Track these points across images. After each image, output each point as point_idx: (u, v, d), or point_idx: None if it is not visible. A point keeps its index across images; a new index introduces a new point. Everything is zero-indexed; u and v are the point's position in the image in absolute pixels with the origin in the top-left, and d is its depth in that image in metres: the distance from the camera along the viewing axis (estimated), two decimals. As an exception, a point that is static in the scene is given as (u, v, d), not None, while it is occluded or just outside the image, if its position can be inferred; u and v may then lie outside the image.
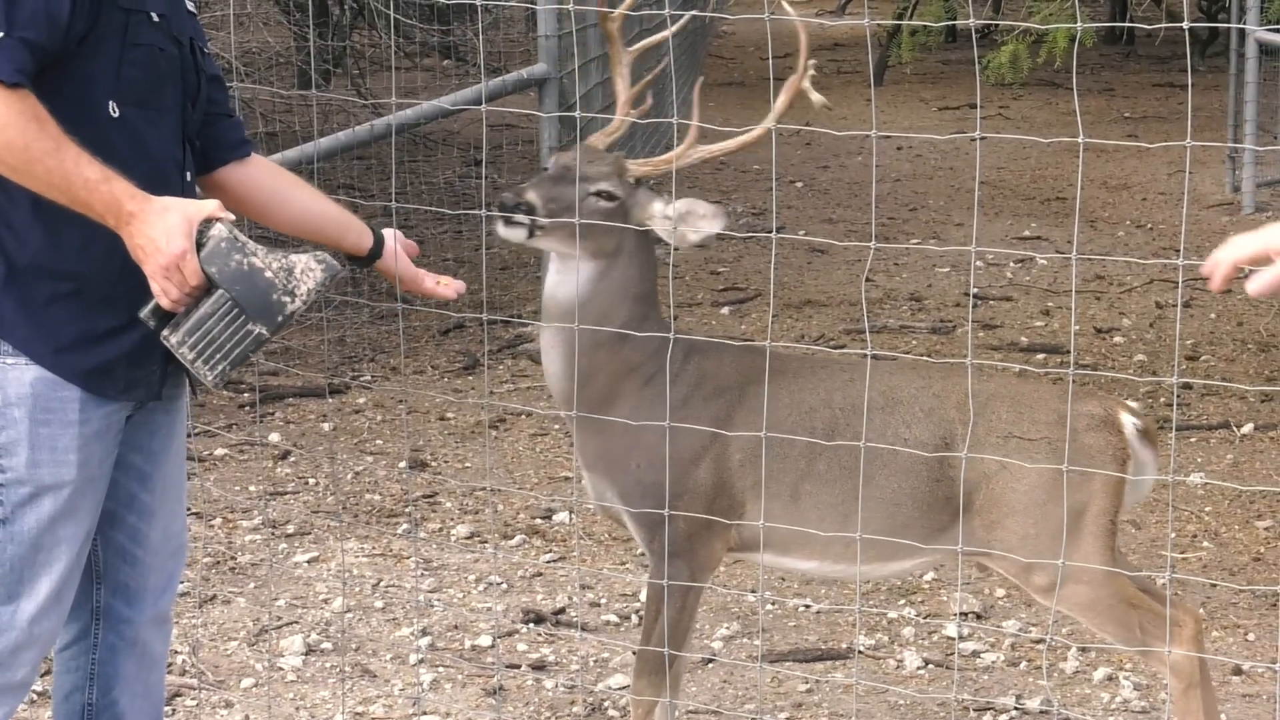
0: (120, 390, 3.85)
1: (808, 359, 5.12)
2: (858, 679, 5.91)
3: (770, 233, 9.35)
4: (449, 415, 8.76)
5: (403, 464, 8.00)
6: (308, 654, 6.15)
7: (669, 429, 4.72)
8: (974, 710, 5.78)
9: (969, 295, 8.37)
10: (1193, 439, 8.31)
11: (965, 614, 6.47)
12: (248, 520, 7.36)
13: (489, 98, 9.59)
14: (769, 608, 6.53)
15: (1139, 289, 11.12)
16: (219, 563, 6.93)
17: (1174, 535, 7.11)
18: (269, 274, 3.70)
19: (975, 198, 4.83)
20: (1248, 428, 8.48)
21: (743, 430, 4.77)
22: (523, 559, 7.00)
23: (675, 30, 5.27)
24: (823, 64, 23.70)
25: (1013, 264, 11.79)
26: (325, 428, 8.59)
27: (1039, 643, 6.18)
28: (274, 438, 8.39)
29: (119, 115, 3.74)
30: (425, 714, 5.70)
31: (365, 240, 4.36)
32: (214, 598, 6.59)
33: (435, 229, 12.24)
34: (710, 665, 6.03)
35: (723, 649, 6.21)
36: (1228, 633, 6.32)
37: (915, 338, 10.10)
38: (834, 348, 9.26)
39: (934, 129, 18.12)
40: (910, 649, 6.20)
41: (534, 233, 4.82)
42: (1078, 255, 3.96)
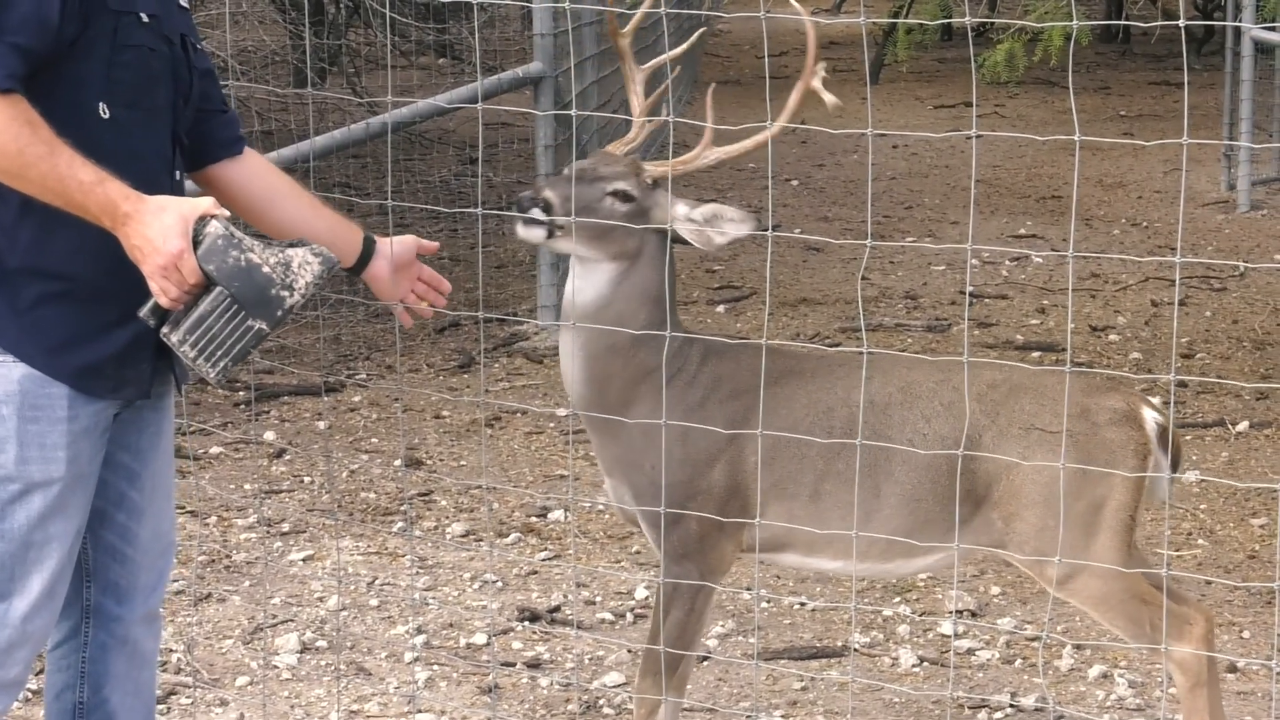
0: (110, 389, 3.85)
1: (825, 358, 5.09)
2: (853, 676, 5.91)
3: (766, 231, 9.36)
4: (444, 413, 8.76)
5: (398, 462, 7.99)
6: (303, 652, 6.15)
7: (682, 431, 4.74)
8: (969, 708, 5.78)
9: (965, 293, 8.37)
10: (1188, 437, 8.31)
11: (960, 611, 6.47)
12: (243, 518, 7.36)
13: (484, 96, 9.60)
14: (764, 605, 6.53)
15: (1135, 287, 11.12)
16: (214, 561, 6.93)
17: (1169, 533, 7.11)
18: (266, 269, 3.71)
19: (971, 196, 4.84)
20: (1243, 425, 8.48)
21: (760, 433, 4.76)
22: (518, 557, 6.99)
23: (686, 48, 5.25)
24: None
25: (1008, 262, 11.79)
26: (320, 426, 8.59)
27: (1034, 640, 6.18)
28: (269, 436, 8.39)
29: (109, 116, 3.74)
30: (420, 712, 5.69)
31: (349, 258, 4.31)
32: (209, 596, 6.59)
33: (431, 227, 12.24)
34: (705, 663, 6.03)
35: (718, 646, 6.21)
36: (1223, 630, 6.32)
37: (911, 336, 10.10)
38: (829, 345, 9.26)
39: (930, 127, 18.14)
40: (905, 646, 6.20)
41: (554, 233, 4.78)
42: (1073, 253, 3.95)
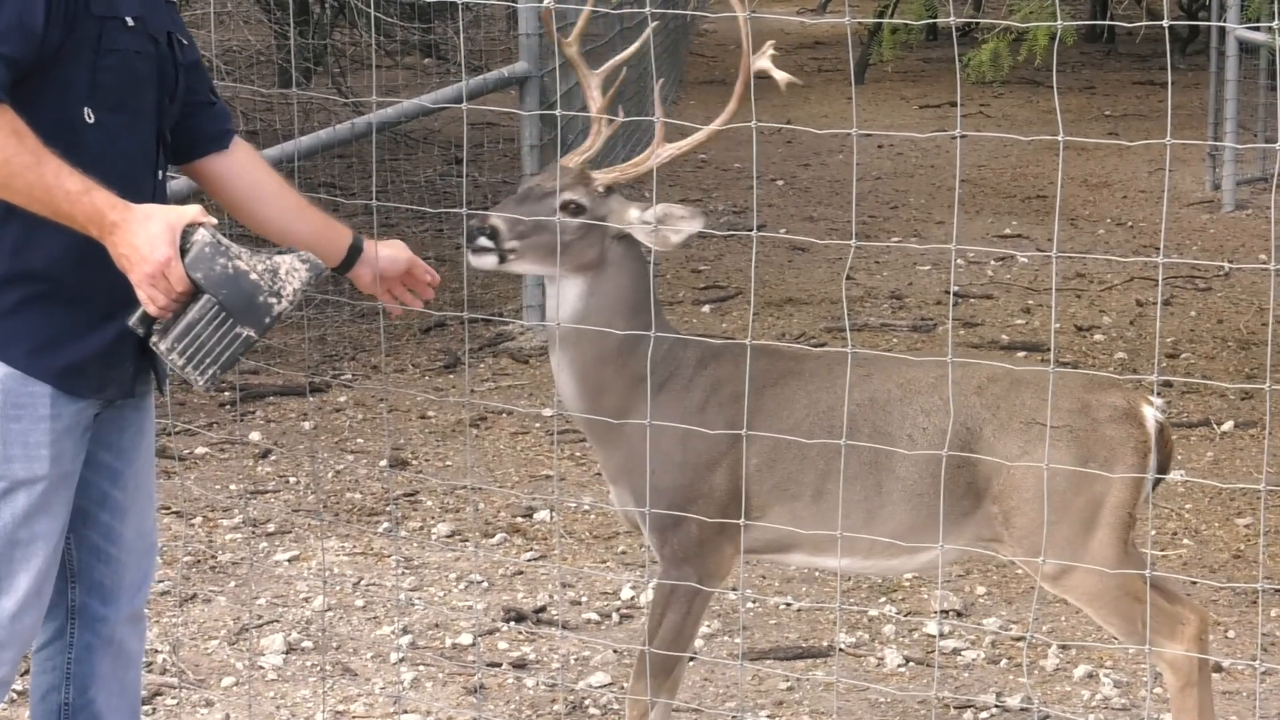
0: (94, 389, 3.85)
1: (824, 357, 5.08)
2: (838, 677, 5.91)
3: (751, 231, 9.36)
4: (430, 414, 8.75)
5: (383, 462, 7.99)
6: (288, 653, 6.14)
7: (682, 435, 4.75)
8: (954, 708, 5.79)
9: (950, 293, 8.39)
10: (1173, 436, 8.32)
11: (946, 612, 6.47)
12: (228, 519, 7.35)
13: (470, 96, 9.59)
14: (750, 605, 6.53)
15: (1119, 287, 11.13)
16: (199, 561, 6.92)
17: (1154, 533, 7.12)
18: (254, 276, 3.71)
19: (956, 196, 4.83)
20: (1228, 425, 8.50)
21: (762, 436, 4.77)
22: (503, 557, 6.99)
23: (636, 49, 5.20)
24: (804, 62, 23.75)
25: (993, 262, 11.80)
26: (306, 426, 8.58)
27: (1019, 640, 6.19)
28: (255, 436, 8.38)
29: (95, 121, 3.74)
30: (406, 712, 5.69)
31: (333, 260, 4.30)
32: (194, 596, 6.58)
33: (416, 227, 12.23)
34: (692, 663, 6.03)
35: (704, 647, 6.21)
36: (1210, 630, 6.32)
37: (896, 336, 10.11)
38: (815, 345, 9.26)
39: (915, 127, 18.14)
40: (891, 647, 6.21)
41: (505, 258, 4.80)
42: (1058, 253, 3.96)
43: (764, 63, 4.74)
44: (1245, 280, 11.06)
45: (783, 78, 4.72)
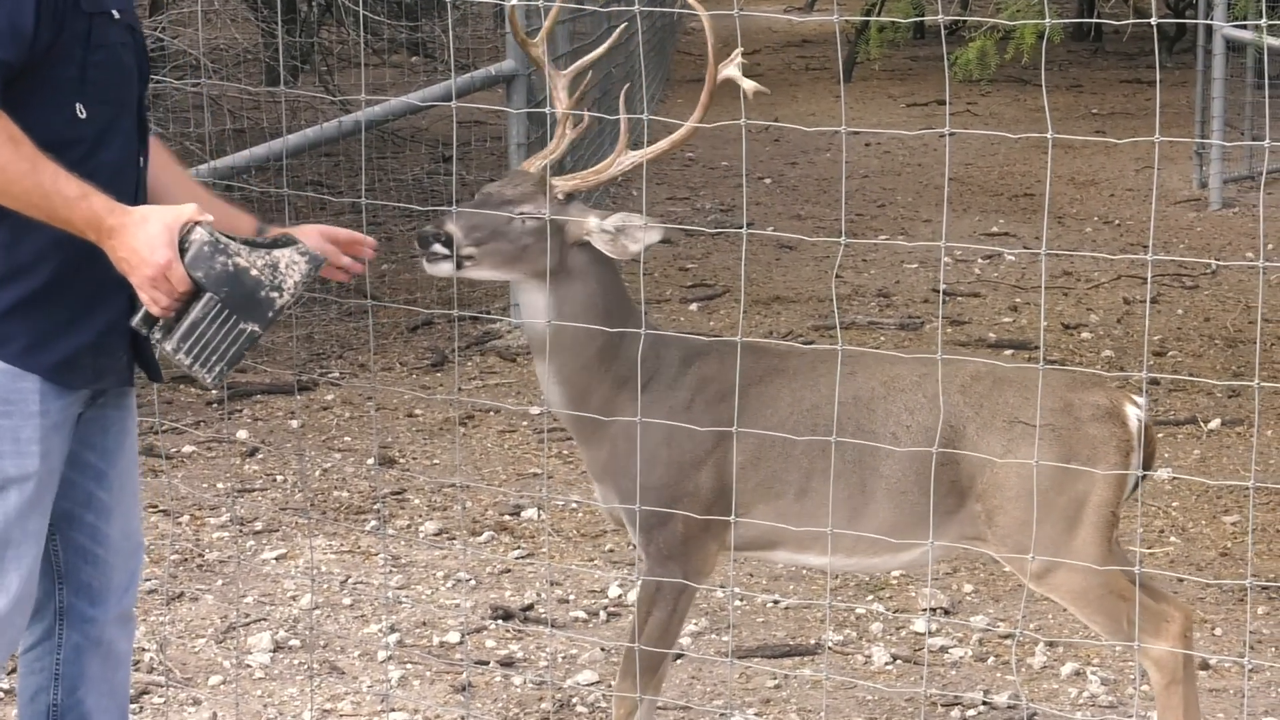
0: (90, 379, 3.84)
1: (808, 354, 5.08)
2: (826, 674, 5.91)
3: (739, 229, 9.36)
4: (417, 412, 8.75)
5: (371, 461, 7.99)
6: (276, 651, 6.14)
7: (667, 434, 4.75)
8: (942, 705, 5.79)
9: (937, 291, 8.38)
10: (1160, 434, 8.33)
11: (933, 609, 6.48)
12: (215, 517, 7.34)
13: (458, 94, 9.59)
14: (737, 603, 6.53)
15: (1107, 285, 11.14)
16: (186, 560, 6.91)
17: (1141, 530, 7.12)
18: (255, 272, 3.73)
19: (944, 194, 4.82)
20: (1215, 423, 8.51)
21: (748, 434, 4.78)
22: (491, 555, 6.99)
23: (604, 51, 5.18)
24: (791, 60, 23.77)
25: (981, 260, 11.80)
26: (293, 425, 8.57)
27: (1007, 638, 6.19)
28: (242, 435, 8.37)
29: (86, 116, 3.72)
30: (393, 711, 5.69)
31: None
32: (181, 595, 6.58)
33: (404, 225, 12.21)
34: (679, 661, 6.03)
35: (691, 644, 6.21)
36: (1195, 628, 6.33)
37: (884, 333, 10.11)
38: (803, 344, 9.26)
39: (902, 125, 18.14)
40: (879, 644, 6.21)
41: (461, 265, 4.78)
42: (1046, 251, 3.96)
43: (731, 71, 4.70)
44: (1232, 278, 11.07)
45: (750, 86, 4.66)
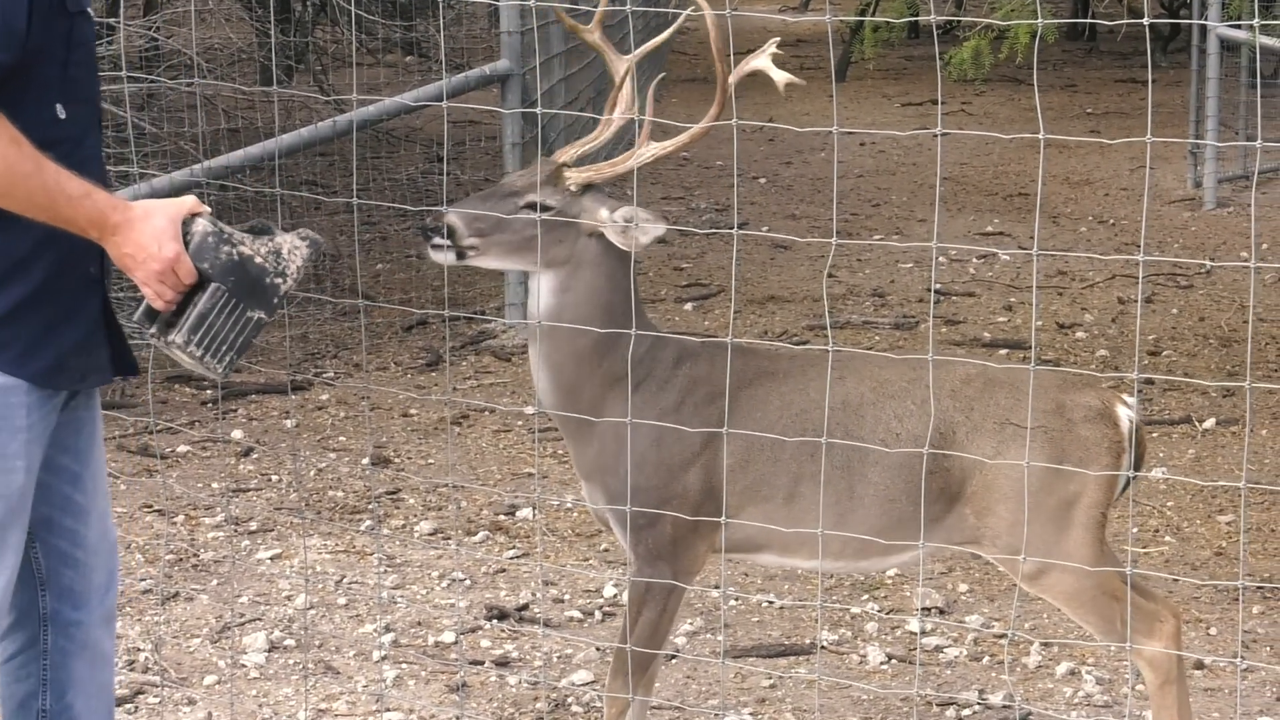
0: (76, 380, 3.81)
1: (798, 358, 5.09)
2: (821, 674, 5.91)
3: (733, 229, 9.36)
4: (412, 412, 8.74)
5: (365, 460, 7.98)
6: (270, 651, 6.13)
7: (656, 435, 4.75)
8: (937, 705, 5.79)
9: (931, 291, 8.34)
10: (1155, 434, 8.34)
11: (928, 609, 6.48)
12: (210, 517, 7.34)
13: (451, 94, 9.58)
14: (732, 603, 6.53)
15: (1101, 284, 11.14)
16: (181, 560, 6.91)
17: (1136, 530, 7.13)
18: (259, 260, 3.76)
19: (938, 194, 4.83)
20: (1209, 423, 8.51)
21: (738, 436, 4.77)
22: (486, 555, 6.99)
23: (668, 36, 5.22)
24: (785, 60, 23.73)
25: (975, 260, 11.80)
26: (288, 424, 8.57)
27: (1001, 638, 6.19)
28: (236, 434, 8.37)
29: (65, 116, 3.69)
30: (388, 711, 5.68)
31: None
32: (176, 595, 6.57)
33: (398, 225, 12.21)
34: (674, 661, 6.03)
35: (686, 645, 6.21)
36: (1189, 627, 6.33)
37: (878, 333, 10.11)
38: (797, 344, 9.27)
39: (896, 125, 18.16)
40: (873, 644, 6.21)
41: (464, 254, 4.81)
42: (1040, 251, 3.97)
43: (761, 62, 4.75)
44: (1226, 278, 11.08)
45: (781, 78, 4.72)
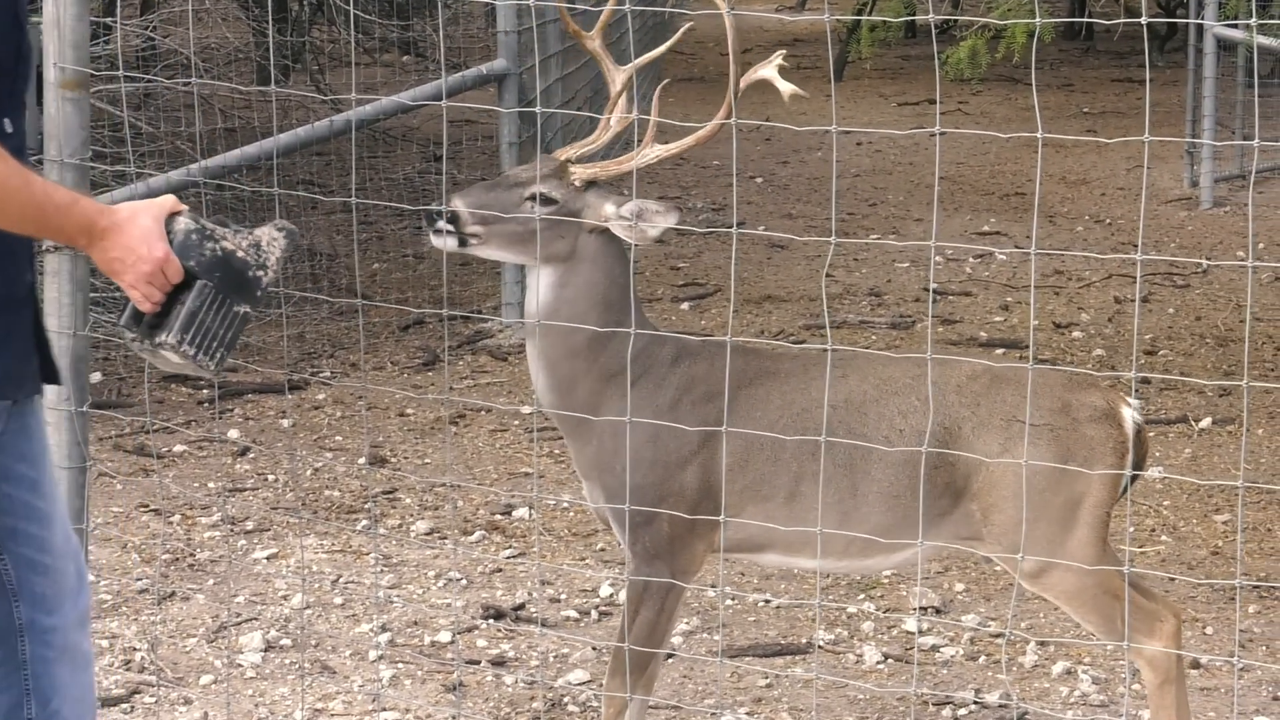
0: (15, 389, 3.66)
1: (799, 358, 5.08)
2: (817, 674, 5.91)
3: (730, 228, 9.36)
4: (409, 411, 8.74)
5: (362, 460, 7.98)
6: (267, 650, 6.13)
7: (653, 433, 4.74)
8: (933, 704, 5.79)
9: (928, 290, 8.37)
10: (1151, 433, 8.33)
11: (924, 609, 6.48)
12: (206, 517, 7.34)
13: (449, 93, 9.58)
14: (729, 603, 6.53)
15: (1098, 284, 11.15)
16: (178, 559, 6.91)
17: (1132, 529, 7.13)
18: (241, 254, 3.76)
19: (935, 193, 4.83)
20: (1206, 422, 8.51)
21: (736, 436, 4.77)
22: (482, 555, 6.99)
23: (669, 47, 5.22)
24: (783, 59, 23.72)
25: (972, 259, 11.81)
26: (284, 424, 8.57)
27: (998, 637, 6.19)
28: (233, 434, 8.36)
29: (12, 130, 3.58)
30: (385, 710, 5.68)
31: None
32: (173, 594, 6.57)
33: (395, 225, 12.21)
34: (670, 660, 6.02)
35: (682, 644, 6.21)
36: (1186, 626, 6.33)
37: (875, 333, 10.11)
38: (794, 343, 9.27)
39: (893, 124, 18.15)
40: (870, 644, 6.21)
41: (466, 242, 4.83)
42: (1037, 250, 3.96)
43: (767, 72, 4.77)
44: (1223, 277, 11.08)
45: (787, 89, 4.74)
